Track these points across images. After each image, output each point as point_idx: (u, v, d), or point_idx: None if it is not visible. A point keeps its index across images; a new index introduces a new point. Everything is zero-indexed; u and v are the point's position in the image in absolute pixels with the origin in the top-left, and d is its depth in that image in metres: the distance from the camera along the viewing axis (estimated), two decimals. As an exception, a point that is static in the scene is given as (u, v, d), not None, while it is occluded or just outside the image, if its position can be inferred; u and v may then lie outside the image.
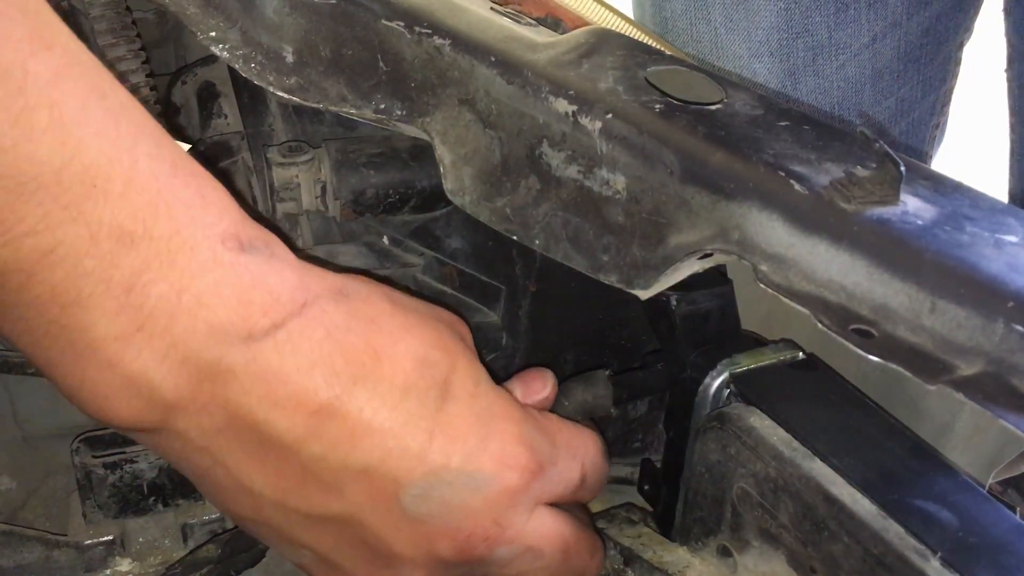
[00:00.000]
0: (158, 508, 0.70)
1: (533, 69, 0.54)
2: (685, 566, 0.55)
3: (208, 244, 0.41)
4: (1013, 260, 0.44)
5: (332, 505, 0.45)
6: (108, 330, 0.40)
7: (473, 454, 0.46)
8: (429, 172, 0.63)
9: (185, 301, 0.41)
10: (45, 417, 0.84)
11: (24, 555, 0.68)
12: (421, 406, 0.45)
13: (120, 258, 0.39)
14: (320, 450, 0.44)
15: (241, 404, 0.42)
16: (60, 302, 0.39)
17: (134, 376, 0.41)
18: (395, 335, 0.46)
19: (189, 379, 0.41)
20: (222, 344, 0.41)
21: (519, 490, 0.47)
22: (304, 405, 0.43)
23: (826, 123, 0.52)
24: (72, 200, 0.38)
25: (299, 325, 0.43)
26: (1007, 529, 0.44)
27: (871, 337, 0.44)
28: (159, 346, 0.40)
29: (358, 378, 0.44)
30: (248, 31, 0.60)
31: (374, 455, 0.44)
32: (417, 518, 0.46)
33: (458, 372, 0.47)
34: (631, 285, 0.51)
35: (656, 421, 0.68)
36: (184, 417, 0.42)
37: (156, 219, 0.40)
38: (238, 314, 0.41)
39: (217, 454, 0.44)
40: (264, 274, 0.43)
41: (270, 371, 0.42)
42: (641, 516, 0.61)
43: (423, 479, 0.45)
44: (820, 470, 0.47)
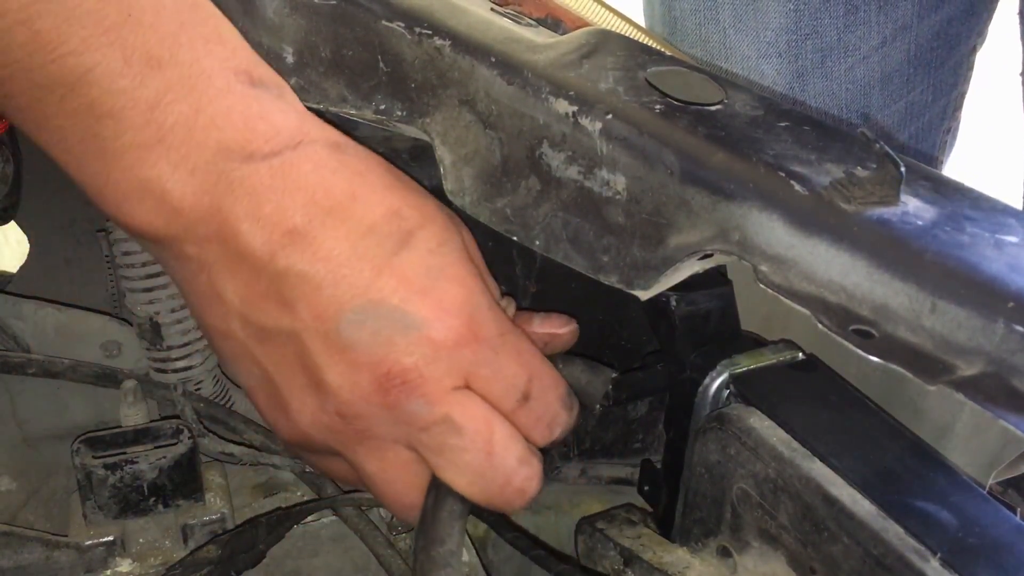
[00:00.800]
0: (158, 509, 0.70)
1: (533, 70, 0.54)
2: (685, 567, 0.55)
3: (223, 74, 0.48)
4: (1013, 260, 0.44)
5: (283, 319, 0.50)
6: (133, 139, 0.46)
7: (412, 297, 0.50)
8: (429, 173, 0.63)
9: (200, 120, 0.47)
10: (45, 418, 0.84)
11: (24, 556, 0.68)
12: (379, 246, 0.50)
13: (148, 79, 0.46)
14: (284, 265, 0.49)
15: (231, 215, 0.48)
16: (95, 114, 0.46)
17: (150, 180, 0.47)
18: (376, 187, 0.51)
19: (195, 188, 0.48)
20: (226, 160, 0.48)
21: (446, 345, 0.50)
22: (280, 223, 0.48)
23: (826, 124, 0.52)
24: (110, 26, 0.44)
25: (292, 156, 0.49)
26: (1007, 530, 0.44)
27: (871, 337, 0.44)
28: (174, 157, 0.47)
29: (331, 211, 0.49)
30: (248, 32, 0.60)
31: (326, 279, 0.49)
32: (348, 344, 0.50)
33: (425, 230, 0.51)
34: (631, 286, 0.51)
35: (656, 422, 0.68)
36: (185, 223, 0.48)
37: (179, 48, 0.46)
38: (243, 137, 0.48)
39: (203, 261, 0.50)
40: (269, 110, 0.49)
41: (259, 188, 0.48)
42: (641, 517, 0.61)
43: (361, 307, 0.49)
44: (820, 471, 0.47)
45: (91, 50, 0.44)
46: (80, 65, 0.44)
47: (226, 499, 0.73)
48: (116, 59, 0.45)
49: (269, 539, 0.72)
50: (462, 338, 0.50)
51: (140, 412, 0.73)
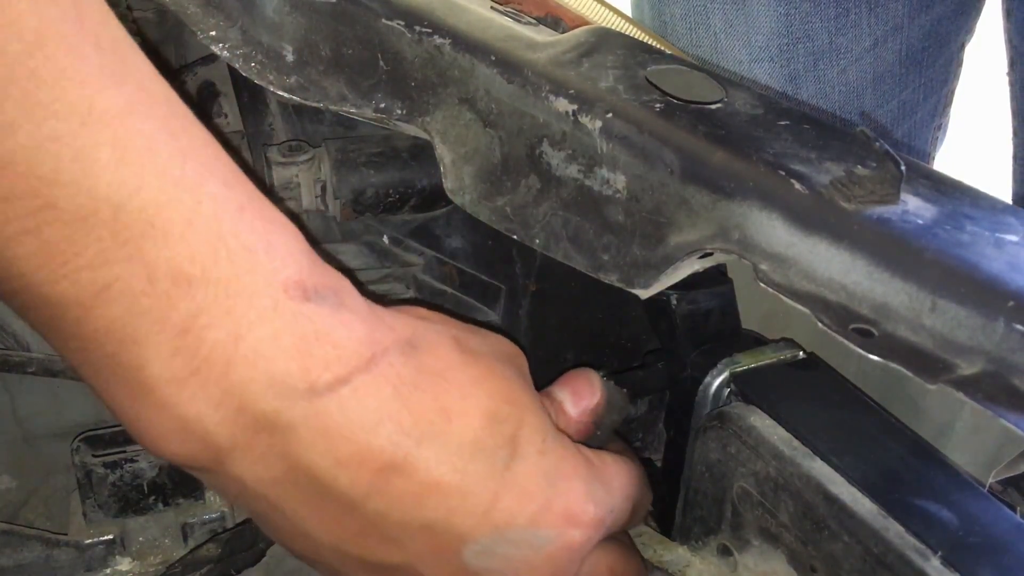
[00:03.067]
0: (158, 507, 0.70)
1: (533, 68, 0.54)
2: (685, 565, 0.55)
3: (269, 292, 0.40)
4: (1013, 259, 0.44)
5: (392, 556, 0.44)
6: (162, 371, 0.39)
7: (539, 514, 0.45)
8: (429, 171, 0.63)
9: (242, 349, 0.40)
10: (45, 417, 0.84)
11: (24, 554, 0.68)
12: (490, 465, 0.44)
13: (177, 300, 0.39)
14: (383, 506, 0.43)
15: (301, 457, 0.41)
16: (116, 338, 0.39)
17: (188, 420, 0.40)
18: (464, 390, 0.45)
19: (245, 428, 0.41)
20: (281, 397, 0.40)
21: (581, 546, 0.47)
22: (369, 463, 0.42)
23: (826, 122, 0.52)
24: (130, 238, 0.38)
25: (365, 381, 0.42)
26: (1007, 529, 0.44)
27: (871, 336, 0.44)
28: (214, 392, 0.40)
29: (426, 436, 0.43)
30: (248, 30, 0.60)
31: (438, 513, 0.43)
32: (478, 573, 0.45)
33: (526, 427, 0.46)
34: (631, 284, 0.51)
35: (656, 420, 0.68)
36: (240, 464, 0.42)
37: (215, 263, 0.39)
38: (299, 367, 0.40)
39: (275, 501, 0.43)
40: (329, 326, 0.41)
41: (333, 428, 0.41)
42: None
43: (487, 537, 0.44)
44: (820, 469, 0.47)
45: (108, 264, 0.38)
46: (95, 281, 0.38)
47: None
48: (137, 275, 0.38)
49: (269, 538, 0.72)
50: (593, 530, 0.47)
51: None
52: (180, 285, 0.39)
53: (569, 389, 0.53)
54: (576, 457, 0.48)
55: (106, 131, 0.37)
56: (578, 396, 0.53)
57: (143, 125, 0.39)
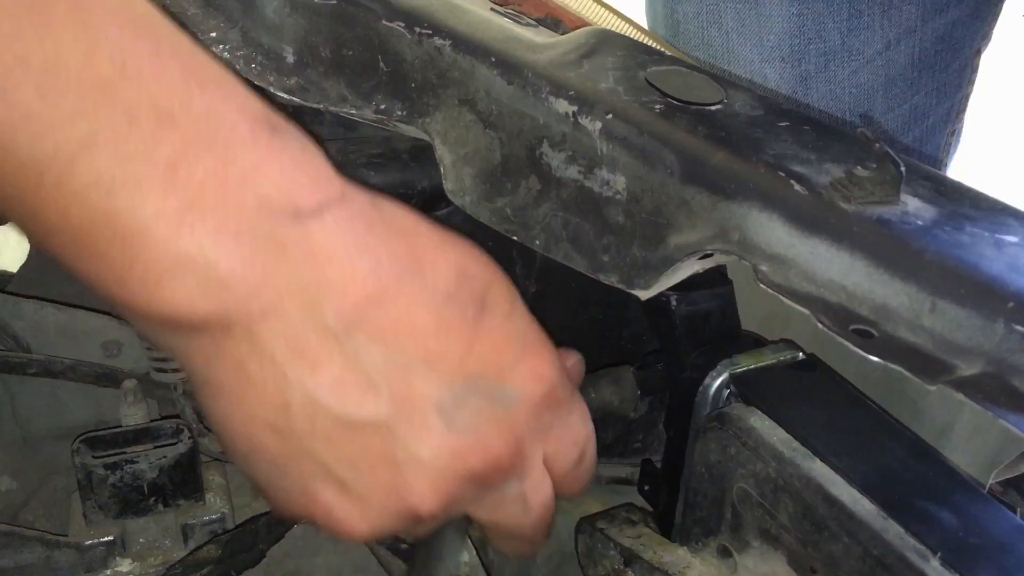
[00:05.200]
0: (158, 508, 0.70)
1: (533, 70, 0.54)
2: (685, 566, 0.55)
3: (245, 122, 0.41)
4: (1013, 260, 0.44)
5: (367, 405, 0.44)
6: (158, 210, 0.39)
7: (507, 368, 0.46)
8: (429, 172, 0.63)
9: (232, 176, 0.40)
10: (46, 418, 0.84)
11: (25, 555, 0.69)
12: (461, 315, 0.45)
13: (161, 137, 0.39)
14: (364, 338, 0.43)
15: (291, 282, 0.42)
16: (104, 188, 0.39)
17: (189, 253, 0.40)
18: (435, 245, 0.46)
19: (242, 255, 0.41)
20: (271, 218, 0.41)
21: (539, 410, 0.48)
22: (353, 290, 0.42)
23: (826, 123, 0.52)
24: (103, 83, 0.38)
25: (343, 212, 0.43)
26: (1007, 529, 0.44)
27: (871, 337, 0.44)
28: (211, 221, 0.40)
29: (402, 274, 0.43)
30: (248, 32, 0.60)
31: (416, 353, 0.44)
32: (451, 428, 0.45)
33: (494, 289, 0.47)
34: (631, 285, 0.51)
35: (656, 421, 0.68)
36: (234, 299, 0.41)
37: (190, 96, 0.40)
38: (284, 190, 0.41)
39: (258, 339, 0.42)
40: (302, 157, 0.43)
41: (320, 250, 0.42)
42: (641, 516, 0.61)
43: (460, 386, 0.45)
44: (820, 470, 0.47)
45: (87, 113, 0.38)
46: (76, 134, 0.38)
47: (226, 499, 0.74)
48: (120, 119, 0.38)
49: (269, 539, 0.72)
50: (550, 403, 0.48)
51: (140, 412, 0.73)
52: (163, 121, 0.39)
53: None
54: (542, 333, 0.49)
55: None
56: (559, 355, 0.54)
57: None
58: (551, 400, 0.48)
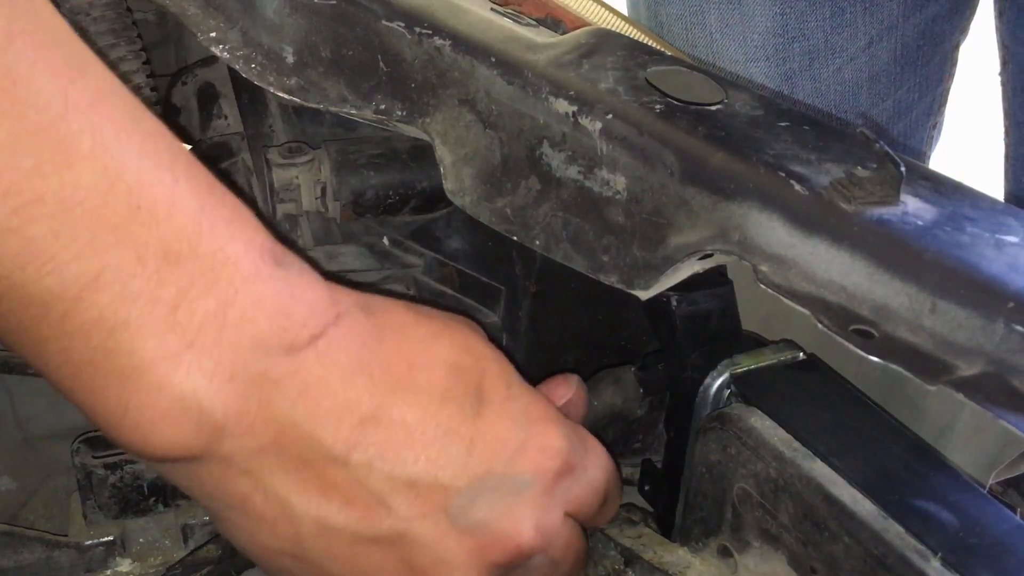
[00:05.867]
0: (159, 508, 0.70)
1: (533, 70, 0.54)
2: (686, 566, 0.55)
3: (250, 258, 0.42)
4: (1013, 261, 0.44)
5: (380, 522, 0.45)
6: (157, 350, 0.39)
7: (515, 457, 0.46)
8: (429, 173, 0.63)
9: (231, 315, 0.41)
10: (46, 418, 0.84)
11: (25, 556, 0.68)
12: (459, 413, 0.45)
13: (167, 277, 0.39)
14: (366, 459, 0.43)
15: (286, 417, 0.42)
16: (107, 326, 0.39)
17: (184, 397, 0.40)
18: (424, 343, 0.46)
19: (236, 396, 0.41)
20: (266, 356, 0.41)
21: (556, 490, 0.48)
22: (349, 415, 0.43)
23: (826, 123, 0.52)
24: (118, 222, 0.38)
25: (336, 335, 0.43)
26: (1007, 530, 0.44)
27: (871, 338, 0.44)
28: (208, 364, 0.40)
29: (396, 387, 0.44)
30: (248, 32, 0.60)
31: (419, 465, 0.44)
32: (467, 529, 0.46)
33: (489, 375, 0.47)
34: (631, 286, 0.51)
35: (656, 422, 0.68)
36: (230, 438, 0.42)
37: (200, 237, 0.40)
38: (280, 326, 0.42)
39: (259, 475, 0.43)
40: (300, 287, 0.43)
41: (313, 381, 0.42)
42: (642, 516, 0.61)
43: (468, 486, 0.45)
44: (820, 470, 0.47)
45: (97, 252, 0.38)
46: (84, 271, 0.38)
47: (226, 499, 0.73)
48: (127, 259, 0.38)
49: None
50: (564, 473, 0.48)
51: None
52: (169, 263, 0.39)
53: (545, 387, 0.54)
54: (544, 403, 0.49)
55: (83, 120, 0.38)
56: (554, 393, 0.54)
57: (112, 112, 0.39)
58: (565, 469, 0.48)
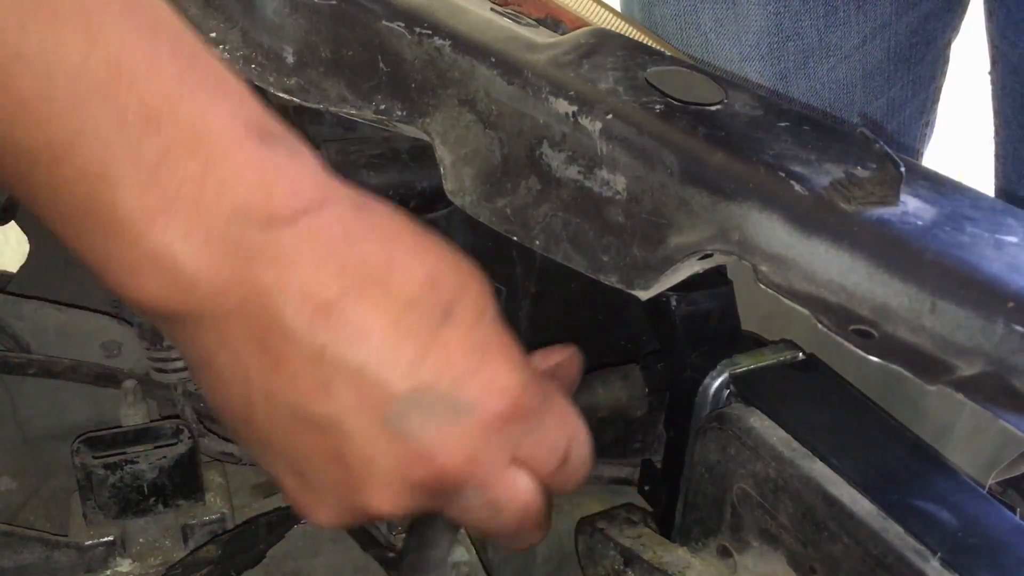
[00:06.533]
0: (158, 509, 0.70)
1: (533, 70, 0.54)
2: (685, 566, 0.55)
3: (232, 128, 0.43)
4: (1013, 261, 0.44)
5: (319, 405, 0.46)
6: (135, 207, 0.41)
7: (461, 380, 0.47)
8: (429, 173, 0.63)
9: (210, 181, 0.42)
10: (45, 418, 0.84)
11: (25, 555, 0.69)
12: (421, 322, 0.46)
13: (147, 139, 0.41)
14: (320, 342, 0.45)
15: (255, 286, 0.44)
16: (89, 181, 0.41)
17: (159, 252, 0.42)
18: (410, 252, 0.47)
19: (211, 257, 0.43)
20: (243, 225, 0.43)
21: (498, 425, 0.48)
22: (312, 296, 0.44)
23: (826, 123, 0.52)
24: (99, 83, 0.40)
25: (318, 220, 0.44)
26: (1007, 530, 0.44)
27: (871, 337, 0.44)
28: (184, 224, 0.42)
29: (366, 282, 0.45)
30: (248, 32, 0.60)
31: (368, 357, 0.45)
32: (396, 435, 0.46)
33: (464, 300, 0.48)
34: (631, 286, 0.51)
35: (656, 422, 0.68)
36: (201, 297, 0.44)
37: (180, 103, 0.41)
38: (260, 198, 0.43)
39: (224, 336, 0.45)
40: (286, 165, 0.44)
41: (285, 257, 0.44)
42: (641, 517, 0.61)
43: (409, 393, 0.46)
44: (820, 470, 0.47)
45: (79, 110, 0.40)
46: (68, 126, 0.40)
47: (226, 499, 0.74)
48: (108, 119, 0.40)
49: (269, 539, 0.72)
50: (512, 416, 0.48)
51: (140, 412, 0.73)
52: (150, 125, 0.41)
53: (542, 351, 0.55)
54: (512, 346, 0.49)
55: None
56: (547, 354, 0.54)
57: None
58: (514, 412, 0.48)
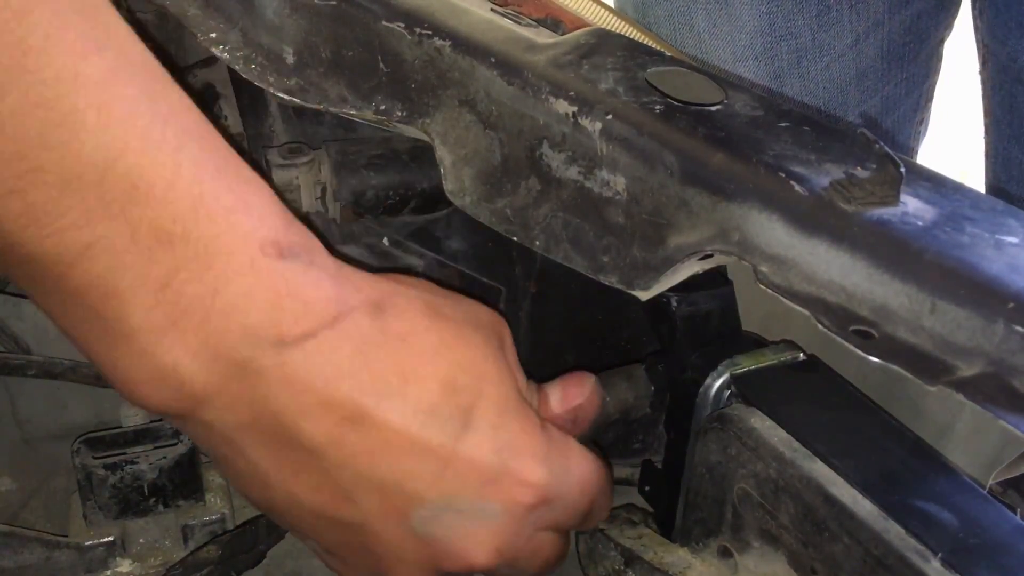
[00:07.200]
0: (159, 509, 0.70)
1: (533, 70, 0.54)
2: (686, 567, 0.55)
3: (246, 250, 0.42)
4: (1013, 261, 0.44)
5: (344, 512, 0.46)
6: (142, 323, 0.41)
7: (486, 486, 0.47)
8: (429, 173, 0.63)
9: (219, 303, 0.42)
10: (45, 418, 0.84)
11: (25, 556, 0.68)
12: (442, 432, 0.46)
13: (158, 256, 0.41)
14: (340, 458, 0.45)
15: (267, 405, 0.43)
16: (99, 292, 0.41)
17: (165, 368, 0.42)
18: (425, 356, 0.46)
19: (219, 376, 0.43)
20: (253, 347, 0.42)
21: (524, 516, 0.48)
22: (329, 414, 0.44)
23: (826, 124, 0.52)
24: (114, 198, 0.39)
25: (330, 337, 0.44)
26: (1008, 530, 0.44)
27: (871, 338, 0.44)
28: (191, 342, 0.42)
29: (383, 396, 0.45)
30: (248, 32, 0.60)
31: (391, 472, 0.45)
32: (424, 538, 0.47)
33: (484, 400, 0.47)
34: (631, 286, 0.51)
35: (656, 422, 0.68)
36: (211, 410, 0.44)
37: (196, 222, 0.41)
38: (270, 320, 0.42)
39: (239, 446, 0.45)
40: (300, 283, 0.43)
41: (298, 378, 0.43)
42: (642, 517, 0.61)
43: (435, 503, 0.46)
44: (821, 471, 0.47)
45: (92, 224, 0.39)
46: (79, 240, 0.39)
47: (226, 499, 0.73)
48: (121, 235, 0.40)
49: (269, 539, 0.72)
50: (538, 507, 0.49)
51: (140, 412, 0.73)
52: (162, 243, 0.41)
53: (560, 385, 0.55)
54: (535, 435, 0.49)
55: (91, 96, 0.39)
56: (567, 395, 0.54)
57: (125, 90, 0.40)
58: (540, 502, 0.49)
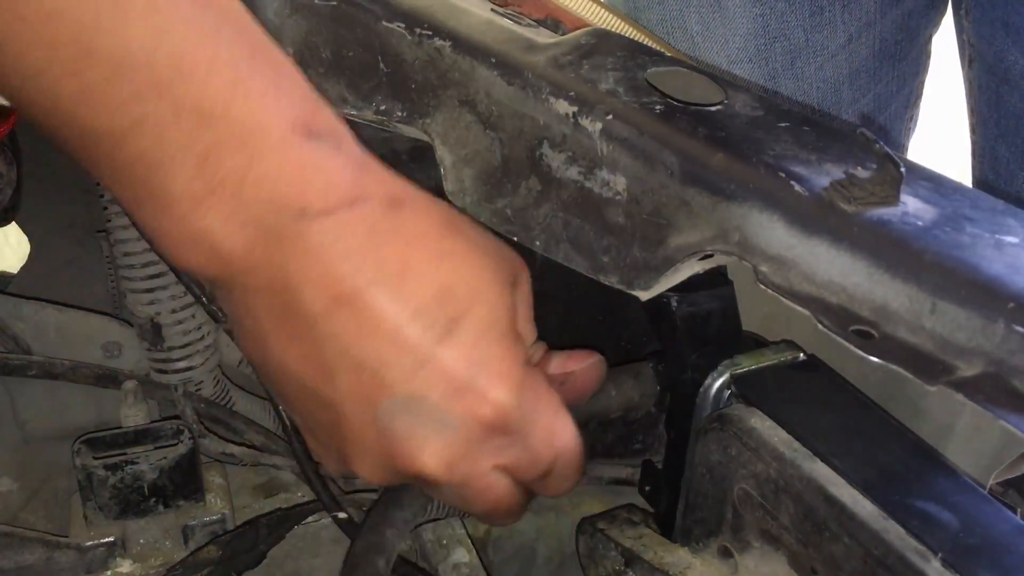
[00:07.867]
0: (159, 509, 0.70)
1: (533, 70, 0.54)
2: (686, 567, 0.55)
3: (278, 128, 0.46)
4: (1013, 261, 0.44)
5: (322, 386, 0.50)
6: (184, 191, 0.46)
7: (452, 396, 0.49)
8: (429, 173, 0.63)
9: (251, 175, 0.46)
10: (46, 419, 0.84)
11: (25, 556, 0.69)
12: (425, 332, 0.48)
13: (199, 132, 0.45)
14: (329, 332, 0.48)
15: (281, 269, 0.48)
16: (146, 164, 0.45)
17: (201, 232, 0.47)
18: (430, 259, 0.49)
19: (246, 241, 0.47)
20: (278, 215, 0.47)
21: (481, 436, 0.50)
22: (329, 286, 0.48)
23: (826, 124, 0.52)
24: (160, 79, 0.44)
25: (346, 218, 0.48)
26: (1008, 530, 0.44)
27: (871, 338, 0.44)
28: (225, 209, 0.46)
29: (379, 283, 0.48)
30: (249, 33, 0.60)
31: (370, 357, 0.48)
32: (384, 431, 0.49)
33: (473, 316, 0.49)
34: (631, 286, 0.51)
35: (657, 422, 0.68)
36: (235, 272, 0.48)
37: (233, 102, 0.45)
38: (296, 192, 0.47)
39: (250, 307, 0.50)
40: (326, 163, 0.48)
41: (311, 248, 0.47)
42: (642, 517, 0.61)
43: (400, 399, 0.49)
44: (821, 471, 0.47)
45: (141, 102, 0.44)
46: (129, 116, 0.44)
47: (226, 500, 0.74)
48: (166, 112, 0.44)
49: (269, 540, 0.72)
50: (495, 430, 0.50)
51: (141, 413, 0.73)
52: (203, 120, 0.45)
53: (567, 353, 0.57)
54: (513, 364, 0.51)
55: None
56: (568, 359, 0.56)
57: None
58: (500, 425, 0.50)
